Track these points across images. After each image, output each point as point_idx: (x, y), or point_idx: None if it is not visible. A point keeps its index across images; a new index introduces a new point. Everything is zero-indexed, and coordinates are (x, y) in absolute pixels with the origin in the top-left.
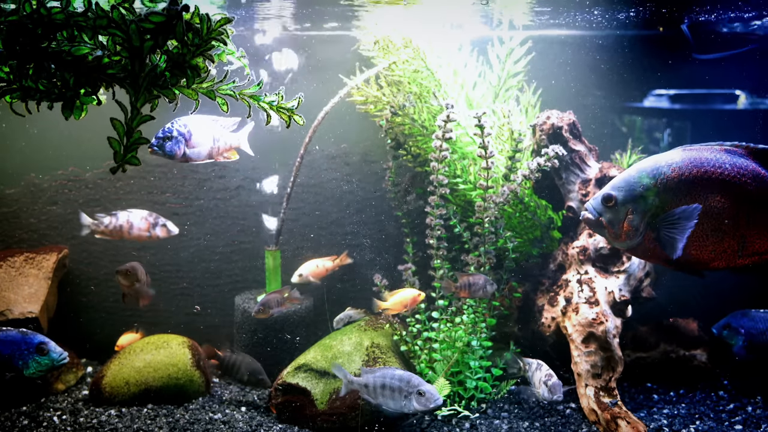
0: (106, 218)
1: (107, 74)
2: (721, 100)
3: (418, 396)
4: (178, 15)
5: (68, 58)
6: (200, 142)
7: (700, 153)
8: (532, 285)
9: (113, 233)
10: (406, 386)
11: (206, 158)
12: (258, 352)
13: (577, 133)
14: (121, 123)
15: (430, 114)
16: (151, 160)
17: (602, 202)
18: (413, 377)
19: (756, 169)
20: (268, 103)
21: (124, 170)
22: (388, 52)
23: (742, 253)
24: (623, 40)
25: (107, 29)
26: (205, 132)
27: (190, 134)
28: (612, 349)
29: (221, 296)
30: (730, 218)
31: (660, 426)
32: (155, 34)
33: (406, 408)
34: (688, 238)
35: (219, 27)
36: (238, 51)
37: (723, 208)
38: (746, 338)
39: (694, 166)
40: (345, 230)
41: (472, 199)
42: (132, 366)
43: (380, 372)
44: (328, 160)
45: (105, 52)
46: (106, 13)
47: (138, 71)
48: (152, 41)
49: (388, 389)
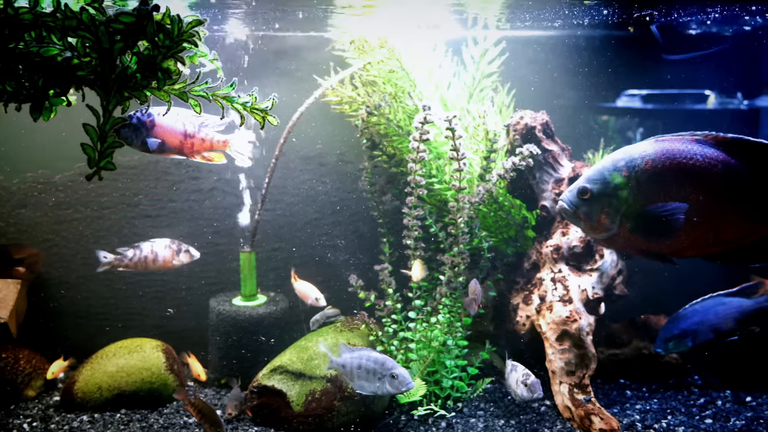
0: (129, 251)
1: (77, 76)
2: (691, 100)
3: (391, 379)
4: (149, 15)
5: (37, 59)
6: (165, 134)
7: (672, 144)
8: (507, 284)
9: (138, 266)
10: (380, 368)
11: (175, 153)
12: (232, 354)
13: (550, 132)
14: (94, 128)
15: (406, 114)
16: (123, 162)
17: (578, 195)
18: (388, 360)
19: (726, 158)
20: (241, 104)
21: (101, 177)
22: (363, 53)
23: (714, 241)
24: (596, 41)
25: (76, 30)
26: (175, 125)
27: (152, 124)
28: (585, 347)
29: (195, 299)
30: (702, 207)
31: (633, 421)
32: (125, 35)
33: (380, 390)
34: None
35: (190, 29)
36: (210, 53)
37: (695, 197)
38: (692, 338)
39: (667, 157)
40: (321, 231)
41: (447, 199)
42: (104, 371)
43: (358, 353)
44: (303, 160)
45: (74, 54)
46: (75, 14)
47: (108, 73)
48: (122, 42)
49: (363, 370)
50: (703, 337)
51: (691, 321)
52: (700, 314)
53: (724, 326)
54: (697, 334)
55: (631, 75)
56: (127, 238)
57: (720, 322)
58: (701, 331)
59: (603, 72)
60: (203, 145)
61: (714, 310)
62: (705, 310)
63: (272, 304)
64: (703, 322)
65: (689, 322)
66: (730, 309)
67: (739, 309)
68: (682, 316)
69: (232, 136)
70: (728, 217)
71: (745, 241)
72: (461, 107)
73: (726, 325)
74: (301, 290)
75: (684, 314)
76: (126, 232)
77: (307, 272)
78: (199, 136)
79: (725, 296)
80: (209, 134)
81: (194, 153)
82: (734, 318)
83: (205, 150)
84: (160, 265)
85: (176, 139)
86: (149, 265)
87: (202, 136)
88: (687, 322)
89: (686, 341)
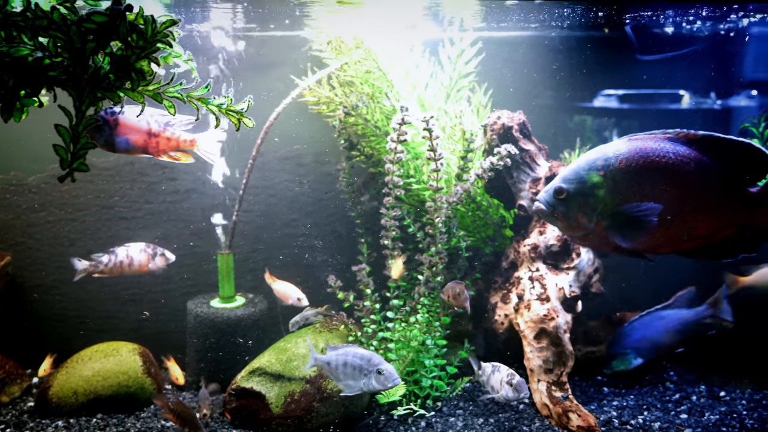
0: (104, 257)
1: (48, 76)
2: (666, 100)
3: (378, 375)
4: (122, 15)
5: (7, 60)
6: (130, 132)
7: (644, 142)
8: (485, 283)
9: (113, 271)
10: (366, 364)
11: (140, 152)
12: (211, 357)
13: (527, 132)
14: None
15: (383, 114)
16: (98, 164)
17: (554, 195)
18: (374, 356)
19: (697, 155)
20: (217, 106)
21: (74, 179)
22: (340, 53)
23: (687, 237)
24: (572, 41)
25: (47, 30)
26: (139, 123)
27: (116, 122)
28: (563, 345)
29: (173, 301)
30: (675, 204)
31: (610, 418)
32: (98, 34)
33: (366, 386)
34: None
35: (164, 29)
36: (185, 53)
37: (669, 195)
38: (636, 354)
39: (640, 156)
40: (298, 232)
41: (425, 199)
42: (80, 375)
43: (343, 350)
44: (280, 161)
45: (46, 54)
46: (46, 14)
47: (80, 73)
48: (95, 42)
49: (349, 367)
50: (646, 353)
51: (632, 338)
52: (640, 331)
53: (666, 340)
54: (639, 351)
55: (606, 75)
56: (103, 240)
57: (661, 336)
58: (642, 348)
59: (579, 72)
60: (169, 144)
61: (653, 326)
62: (644, 326)
63: (251, 305)
64: (643, 338)
65: (629, 339)
66: (671, 322)
67: (679, 321)
68: (623, 334)
69: (200, 135)
70: (701, 213)
71: (717, 236)
72: (439, 107)
73: (668, 339)
74: (280, 290)
75: (624, 332)
76: (101, 234)
77: (285, 273)
78: (165, 135)
79: (663, 310)
80: (176, 133)
81: (160, 152)
82: (675, 331)
83: (172, 149)
84: (135, 270)
85: (141, 137)
86: (125, 269)
87: (167, 135)
88: (628, 339)
89: (629, 359)
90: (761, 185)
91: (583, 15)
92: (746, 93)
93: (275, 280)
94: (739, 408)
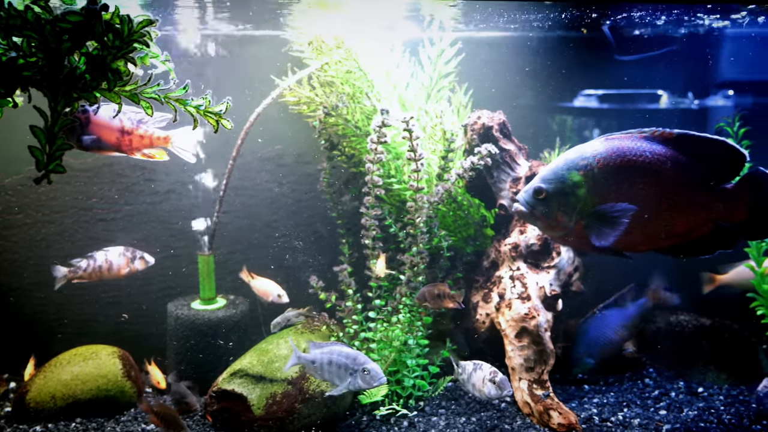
0: (82, 262)
1: (23, 76)
2: (645, 100)
3: (363, 373)
4: (97, 14)
5: None
6: (102, 130)
7: (621, 142)
8: (466, 282)
9: (92, 276)
10: (352, 363)
11: (113, 150)
12: (191, 359)
13: (507, 132)
14: (42, 130)
15: (364, 114)
16: (75, 165)
17: (533, 195)
18: (360, 355)
19: (673, 154)
20: (195, 107)
21: (50, 181)
22: (320, 53)
23: (665, 235)
24: (551, 42)
25: (21, 30)
26: (111, 121)
27: (87, 120)
28: (544, 343)
29: (153, 303)
30: (653, 203)
31: (590, 415)
32: (73, 34)
33: (351, 385)
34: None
35: (141, 28)
36: (162, 54)
37: (646, 193)
38: (591, 356)
39: (618, 155)
40: (279, 232)
41: (406, 199)
42: (58, 379)
43: (328, 348)
44: (261, 162)
45: (20, 53)
46: (20, 13)
47: (56, 73)
48: (70, 42)
49: (334, 365)
50: (600, 352)
51: (586, 339)
52: (591, 332)
53: (615, 337)
54: (593, 351)
55: (585, 75)
56: (81, 242)
57: (610, 334)
58: (595, 348)
59: (558, 72)
60: (142, 141)
61: (602, 325)
62: (594, 326)
63: (232, 307)
64: (596, 338)
65: (584, 341)
66: (615, 319)
67: (623, 317)
68: (578, 336)
69: (175, 132)
70: (678, 210)
71: (694, 233)
72: (419, 107)
73: (617, 336)
74: (260, 288)
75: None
76: (79, 236)
77: (266, 274)
78: (138, 133)
79: (605, 309)
80: (149, 130)
81: (133, 150)
82: (622, 326)
83: (145, 147)
84: (115, 274)
85: (113, 135)
86: (104, 274)
87: (140, 133)
88: (583, 341)
89: (586, 360)
90: (735, 182)
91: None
92: (723, 93)
93: (254, 277)
94: (717, 404)
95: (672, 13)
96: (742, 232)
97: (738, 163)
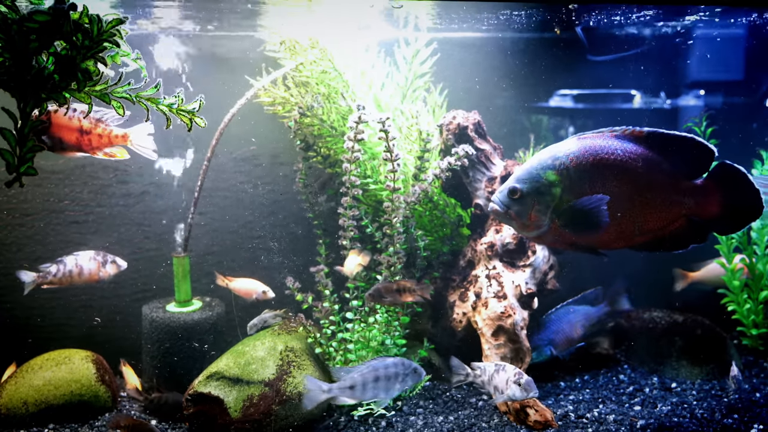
0: (52, 267)
1: None
2: (619, 100)
3: (414, 373)
4: (65, 14)
5: None
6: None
7: (593, 141)
8: (443, 282)
9: (63, 281)
10: (402, 369)
11: (74, 150)
12: (166, 362)
13: (482, 132)
14: (12, 132)
15: (339, 114)
16: (47, 167)
17: (508, 195)
18: (404, 359)
19: (644, 152)
20: (167, 106)
21: (22, 184)
22: (295, 53)
23: (639, 232)
24: (526, 42)
25: None
26: (70, 121)
27: (49, 122)
28: (520, 341)
29: (127, 306)
30: (626, 201)
31: (566, 412)
32: (40, 34)
33: (401, 388)
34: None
35: (111, 28)
36: (133, 52)
37: (619, 191)
38: (551, 347)
39: (590, 154)
40: (255, 233)
41: (382, 199)
42: (30, 385)
43: (366, 367)
44: (236, 162)
45: None
46: None
47: (23, 74)
48: (37, 42)
49: (382, 380)
50: (560, 345)
51: (549, 330)
52: (555, 323)
53: (575, 333)
54: (554, 342)
55: (559, 75)
56: (53, 245)
57: (572, 330)
58: (557, 340)
59: (532, 72)
60: (101, 140)
61: (567, 319)
62: (559, 319)
63: (207, 309)
64: (558, 330)
65: (547, 331)
66: (578, 317)
67: (585, 316)
68: (542, 325)
69: (131, 129)
70: (650, 207)
71: (667, 229)
72: (395, 108)
73: (576, 333)
74: (241, 288)
75: (542, 323)
76: (51, 239)
77: (243, 275)
78: (97, 132)
79: (573, 304)
80: (107, 129)
81: (94, 149)
82: (582, 325)
83: (105, 146)
84: (86, 279)
85: (73, 135)
86: (75, 279)
87: (99, 132)
88: (546, 331)
89: (545, 350)
90: (704, 177)
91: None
92: (694, 93)
93: (232, 279)
94: (690, 399)
95: (644, 14)
96: (714, 226)
97: (707, 159)
